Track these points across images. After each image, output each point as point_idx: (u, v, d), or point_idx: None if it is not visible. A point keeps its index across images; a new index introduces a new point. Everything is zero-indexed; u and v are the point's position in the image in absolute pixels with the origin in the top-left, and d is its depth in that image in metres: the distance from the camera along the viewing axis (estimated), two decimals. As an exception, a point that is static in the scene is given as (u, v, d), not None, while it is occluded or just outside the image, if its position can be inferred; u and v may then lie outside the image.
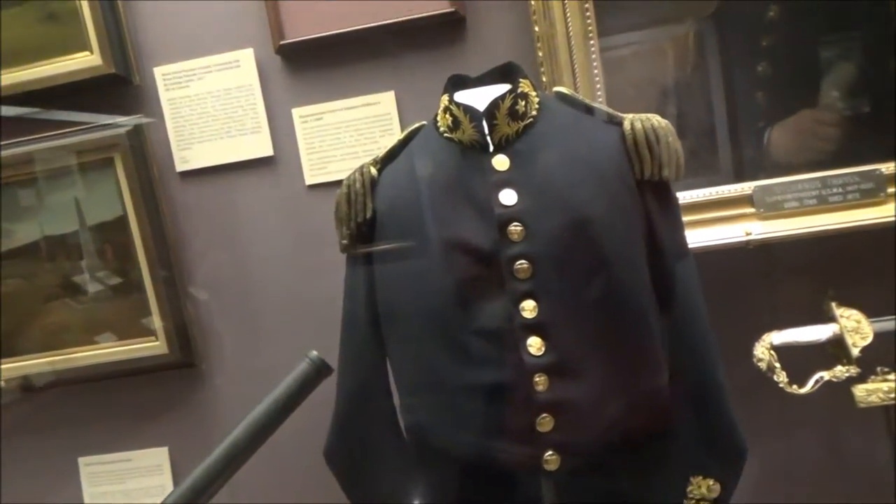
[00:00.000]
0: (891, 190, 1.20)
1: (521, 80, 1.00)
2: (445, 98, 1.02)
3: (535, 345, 0.93)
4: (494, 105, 0.96)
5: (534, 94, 1.01)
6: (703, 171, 1.27)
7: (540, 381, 0.92)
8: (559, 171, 0.97)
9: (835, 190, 1.21)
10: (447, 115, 1.01)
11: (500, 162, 0.97)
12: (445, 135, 1.02)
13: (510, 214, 0.94)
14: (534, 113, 1.00)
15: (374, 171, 1.06)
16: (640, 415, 0.97)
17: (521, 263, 0.93)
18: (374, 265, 1.04)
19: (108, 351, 1.46)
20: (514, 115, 0.97)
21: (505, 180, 0.96)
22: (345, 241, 1.06)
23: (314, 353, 1.20)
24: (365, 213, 1.03)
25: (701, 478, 1.01)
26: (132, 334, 1.45)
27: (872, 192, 1.20)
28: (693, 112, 1.28)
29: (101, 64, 1.35)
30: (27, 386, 1.47)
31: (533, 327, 0.93)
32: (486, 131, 0.98)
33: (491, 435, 0.95)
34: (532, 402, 0.92)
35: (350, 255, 1.07)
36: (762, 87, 1.25)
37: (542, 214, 0.95)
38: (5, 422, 1.53)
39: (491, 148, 0.98)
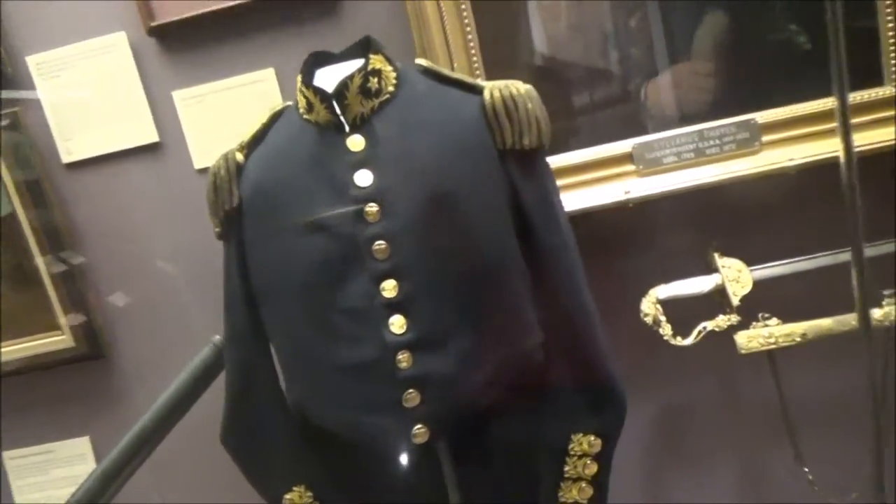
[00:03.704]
0: (766, 139, 1.21)
1: (372, 56, 0.98)
2: (299, 79, 1.00)
3: (396, 323, 0.94)
4: (343, 85, 0.95)
5: (389, 68, 0.99)
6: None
7: (403, 358, 0.93)
8: (416, 146, 0.96)
9: (712, 142, 1.21)
10: (302, 97, 1.00)
11: (355, 142, 0.96)
12: (304, 116, 1.01)
13: (365, 195, 0.94)
14: (391, 88, 0.99)
15: (239, 156, 1.05)
16: (512, 381, 0.99)
17: (379, 244, 0.93)
18: (245, 250, 1.04)
19: (16, 347, 1.46)
20: (366, 92, 0.96)
21: (360, 160, 0.95)
22: (217, 230, 1.06)
23: (217, 337, 1.21)
24: (231, 201, 1.03)
25: (581, 434, 1.02)
26: (38, 329, 1.45)
27: (747, 141, 1.21)
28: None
29: (-33, 57, 1.31)
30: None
31: (394, 306, 0.94)
32: (339, 112, 0.96)
33: (361, 411, 0.97)
34: (396, 379, 0.93)
35: (224, 241, 1.07)
36: (635, 43, 1.24)
37: (398, 193, 0.94)
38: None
39: (347, 128, 0.97)
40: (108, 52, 1.34)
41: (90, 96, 1.36)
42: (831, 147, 1.18)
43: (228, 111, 1.35)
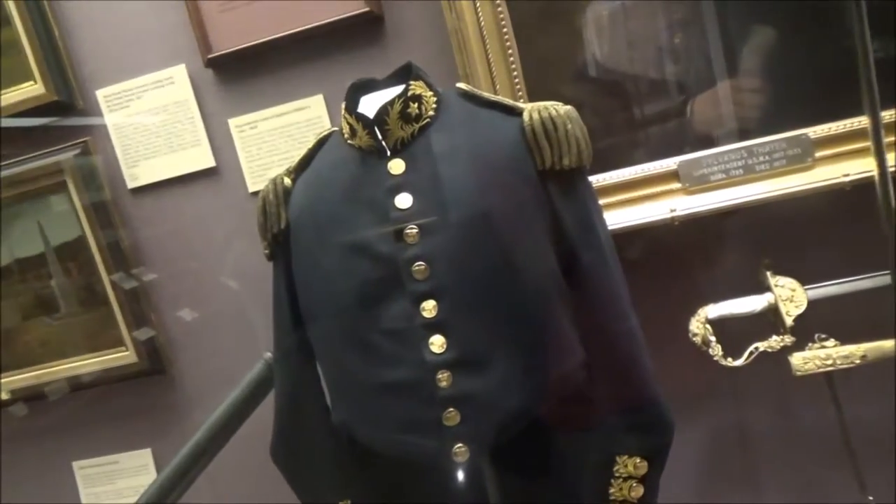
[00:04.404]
0: (819, 154, 1.17)
1: (412, 82, 1.00)
2: (343, 106, 1.04)
3: (436, 343, 0.95)
4: (384, 111, 0.98)
5: (429, 93, 1.02)
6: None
7: (443, 377, 0.94)
8: (454, 169, 0.98)
9: (761, 158, 1.18)
10: (345, 123, 1.03)
11: (396, 165, 0.99)
12: (348, 141, 1.04)
13: (405, 217, 0.96)
14: (431, 113, 1.01)
15: (287, 181, 1.08)
16: (553, 401, 0.99)
17: (419, 265, 0.95)
18: (292, 271, 1.07)
19: (85, 362, 1.54)
20: (406, 118, 0.99)
21: (400, 184, 0.98)
22: (266, 251, 1.10)
23: (268, 354, 1.25)
24: (279, 224, 1.07)
25: (626, 457, 1.01)
26: (104, 346, 1.53)
27: (800, 157, 1.17)
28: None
29: (44, 92, 1.41)
30: (14, 400, 1.57)
31: (434, 326, 0.95)
32: (380, 137, 0.99)
33: (402, 431, 0.98)
34: (436, 399, 0.94)
35: (274, 262, 1.11)
36: (684, 60, 1.23)
37: (437, 215, 0.96)
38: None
39: (388, 152, 1.00)
40: (169, 84, 1.42)
41: (153, 126, 1.44)
42: (891, 161, 1.13)
43: (279, 137, 1.40)
